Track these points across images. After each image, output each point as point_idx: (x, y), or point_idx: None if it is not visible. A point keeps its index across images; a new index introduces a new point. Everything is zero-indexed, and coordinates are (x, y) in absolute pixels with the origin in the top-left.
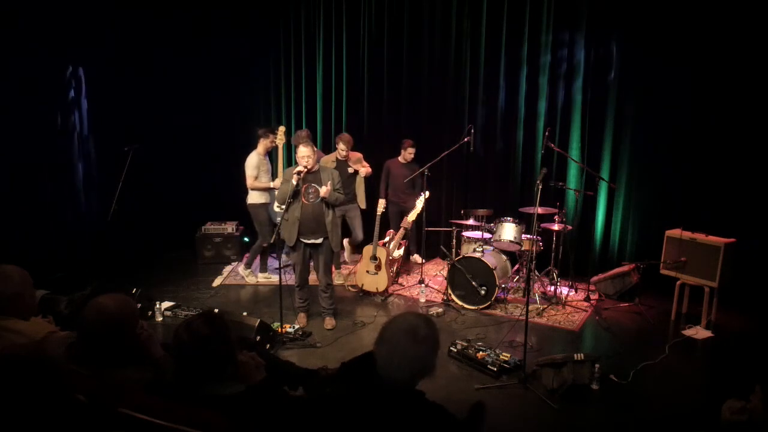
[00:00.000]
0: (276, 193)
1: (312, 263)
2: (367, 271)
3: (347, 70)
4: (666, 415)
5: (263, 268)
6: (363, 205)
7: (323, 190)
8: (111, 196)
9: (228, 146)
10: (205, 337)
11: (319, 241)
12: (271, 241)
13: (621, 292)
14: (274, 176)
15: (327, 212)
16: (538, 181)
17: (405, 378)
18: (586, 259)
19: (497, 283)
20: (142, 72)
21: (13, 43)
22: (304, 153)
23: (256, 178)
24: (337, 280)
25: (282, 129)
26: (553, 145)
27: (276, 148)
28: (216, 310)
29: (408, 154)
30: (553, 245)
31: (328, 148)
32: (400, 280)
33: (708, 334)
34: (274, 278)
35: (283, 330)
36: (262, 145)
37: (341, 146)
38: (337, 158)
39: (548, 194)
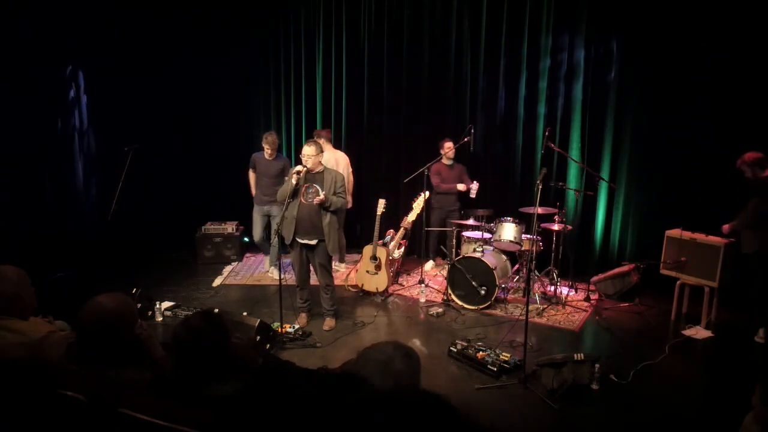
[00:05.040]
0: (278, 191)
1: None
2: (367, 271)
3: (347, 69)
4: (666, 415)
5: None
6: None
7: (319, 197)
8: (111, 196)
9: (228, 146)
10: (203, 331)
11: (314, 242)
12: (271, 242)
13: (621, 292)
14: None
15: (324, 215)
16: (538, 181)
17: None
18: (586, 259)
19: (497, 283)
20: (142, 72)
21: (14, 43)
22: (307, 152)
23: None
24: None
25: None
26: (553, 145)
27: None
28: (216, 310)
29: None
30: (553, 245)
31: None
32: (400, 280)
33: (708, 334)
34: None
35: (283, 330)
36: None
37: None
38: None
39: (548, 194)
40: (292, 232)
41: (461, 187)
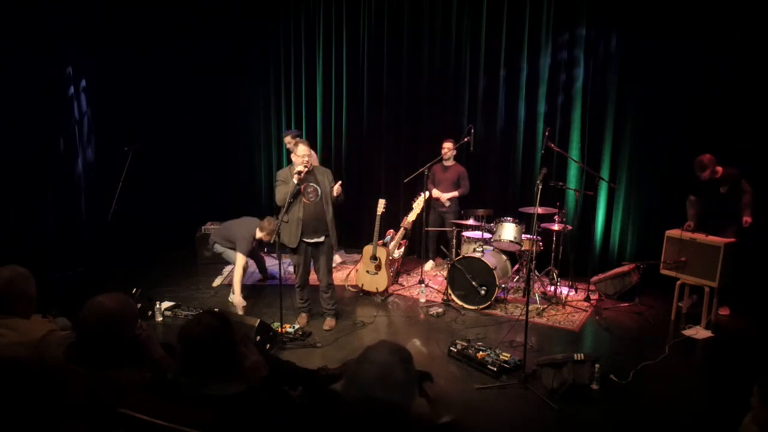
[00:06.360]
0: (276, 195)
1: (312, 264)
2: (367, 271)
3: (347, 70)
4: (666, 415)
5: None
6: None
7: (337, 188)
8: (111, 196)
9: (228, 146)
10: (217, 328)
11: (321, 239)
12: (271, 242)
13: (621, 292)
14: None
15: (328, 210)
16: (538, 181)
17: (376, 421)
18: (586, 259)
19: (497, 283)
20: (142, 72)
21: (13, 43)
22: (305, 152)
23: None
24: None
25: None
26: (553, 145)
27: None
28: (216, 310)
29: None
30: (553, 245)
31: (328, 148)
32: (400, 280)
33: (708, 334)
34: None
35: (283, 330)
36: None
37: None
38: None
39: (548, 194)
40: (298, 235)
41: (435, 193)
